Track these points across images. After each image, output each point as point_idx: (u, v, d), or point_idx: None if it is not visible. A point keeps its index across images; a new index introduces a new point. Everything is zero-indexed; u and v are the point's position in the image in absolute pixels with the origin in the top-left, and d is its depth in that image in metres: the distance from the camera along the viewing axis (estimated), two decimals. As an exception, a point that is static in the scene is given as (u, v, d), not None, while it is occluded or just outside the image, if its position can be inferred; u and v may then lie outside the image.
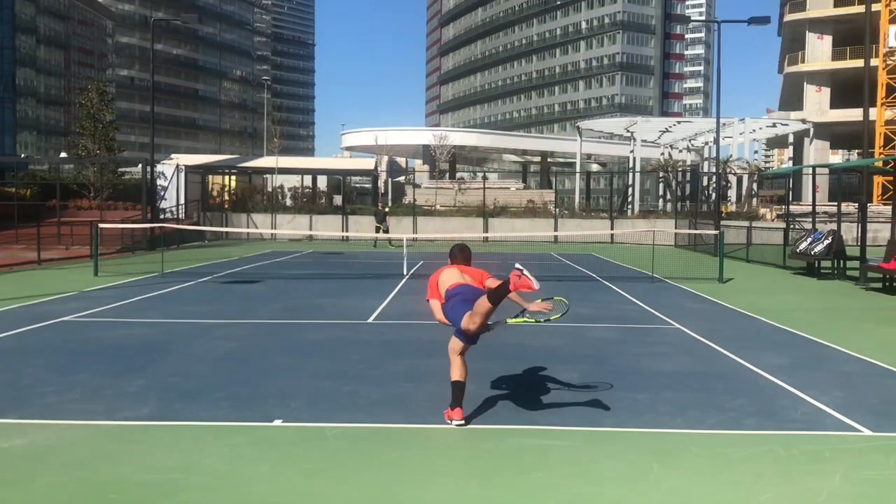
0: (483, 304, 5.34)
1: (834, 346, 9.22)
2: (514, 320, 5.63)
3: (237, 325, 10.41)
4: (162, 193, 33.91)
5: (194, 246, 29.23)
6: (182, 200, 35.27)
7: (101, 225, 19.46)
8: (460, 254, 6.32)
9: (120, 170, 40.88)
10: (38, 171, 42.66)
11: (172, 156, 55.48)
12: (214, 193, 41.47)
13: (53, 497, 4.36)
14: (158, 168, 33.56)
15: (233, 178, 44.30)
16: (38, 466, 4.82)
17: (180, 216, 34.50)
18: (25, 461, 4.93)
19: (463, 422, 5.73)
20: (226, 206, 39.04)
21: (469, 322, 5.44)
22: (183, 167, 36.72)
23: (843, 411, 6.23)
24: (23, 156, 71.78)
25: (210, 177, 41.84)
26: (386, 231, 30.77)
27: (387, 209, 34.95)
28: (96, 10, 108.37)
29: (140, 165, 30.89)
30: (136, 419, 5.90)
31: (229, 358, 8.27)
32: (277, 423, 5.83)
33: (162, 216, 31.79)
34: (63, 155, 51.95)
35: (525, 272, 5.30)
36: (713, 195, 32.89)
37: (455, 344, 5.77)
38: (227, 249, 27.29)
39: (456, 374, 5.75)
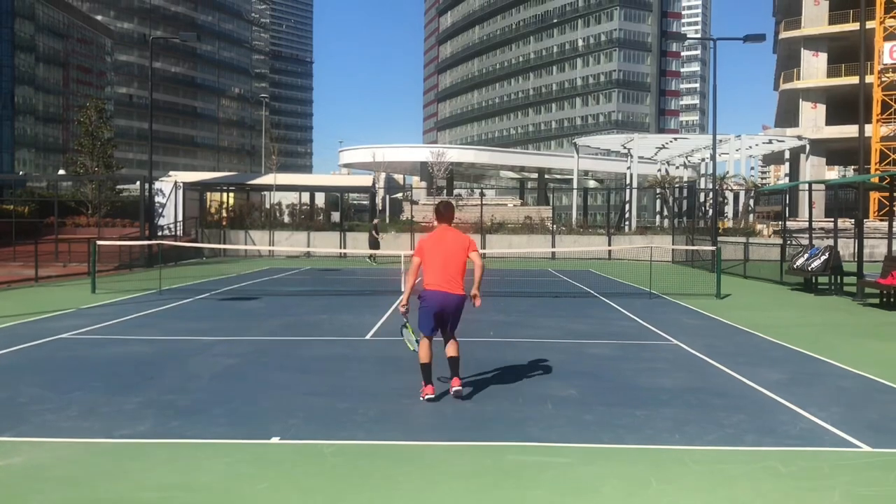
0: None
1: (832, 361, 9.22)
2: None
3: (235, 343, 10.40)
4: (160, 210, 33.92)
5: (192, 263, 29.22)
6: (180, 217, 35.29)
7: (98, 242, 19.46)
8: (445, 210, 7.45)
9: (118, 187, 40.97)
10: (36, 189, 42.68)
11: (170, 173, 55.56)
12: (212, 210, 41.50)
13: (50, 515, 4.34)
14: (156, 185, 33.59)
15: (231, 194, 44.35)
16: (34, 485, 4.80)
17: (178, 233, 34.50)
18: (22, 479, 4.91)
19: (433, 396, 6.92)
20: (224, 222, 39.05)
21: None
22: (181, 184, 36.76)
23: (842, 427, 6.23)
24: (21, 173, 71.88)
25: (208, 194, 41.91)
26: (376, 246, 30.43)
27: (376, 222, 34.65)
28: (95, 29, 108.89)
29: (138, 182, 30.91)
30: (134, 437, 5.88)
31: (227, 375, 8.25)
32: (275, 440, 5.82)
33: (160, 233, 31.80)
34: (61, 172, 52.06)
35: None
36: (710, 211, 32.97)
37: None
38: (225, 266, 27.27)
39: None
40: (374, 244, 30.38)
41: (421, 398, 6.93)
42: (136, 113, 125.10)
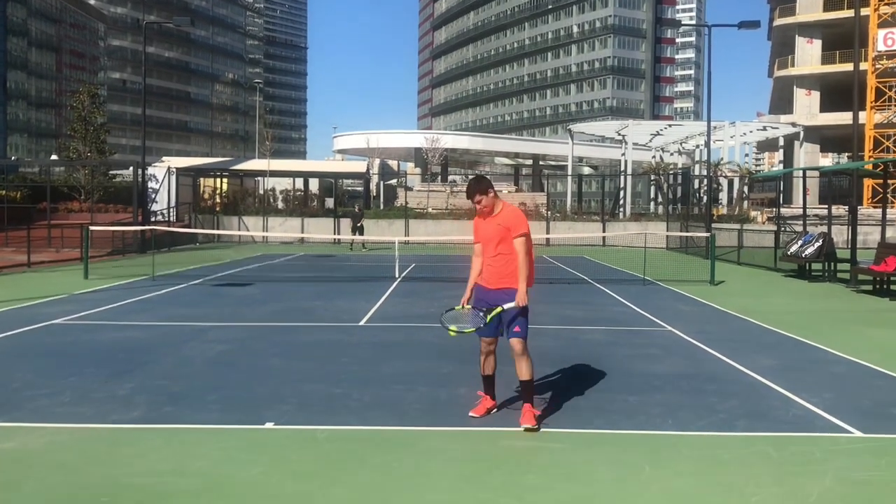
0: None
1: (825, 347, 9.25)
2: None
3: (228, 328, 10.38)
4: (153, 196, 33.80)
5: (185, 249, 29.15)
6: (173, 203, 35.18)
7: (91, 227, 19.38)
8: (476, 186, 5.85)
9: (111, 172, 40.79)
10: (28, 174, 42.44)
11: (164, 158, 55.39)
12: (206, 196, 41.39)
13: (43, 501, 4.33)
14: (150, 171, 33.47)
15: (224, 180, 44.22)
16: (27, 470, 4.79)
17: (171, 219, 34.41)
18: (14, 465, 4.90)
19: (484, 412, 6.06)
20: (217, 208, 38.95)
21: None
22: (174, 170, 36.63)
23: (834, 413, 6.25)
24: (13, 158, 71.45)
25: (202, 179, 41.78)
26: (361, 233, 30.24)
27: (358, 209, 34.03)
28: (88, 14, 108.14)
29: (131, 168, 30.79)
30: (127, 422, 5.87)
31: (220, 361, 8.24)
32: (269, 425, 5.82)
33: (153, 219, 31.69)
34: (54, 157, 51.82)
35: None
36: (704, 198, 33.00)
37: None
38: (219, 252, 27.22)
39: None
40: (360, 230, 30.20)
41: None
42: (129, 98, 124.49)
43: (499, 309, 5.75)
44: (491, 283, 5.83)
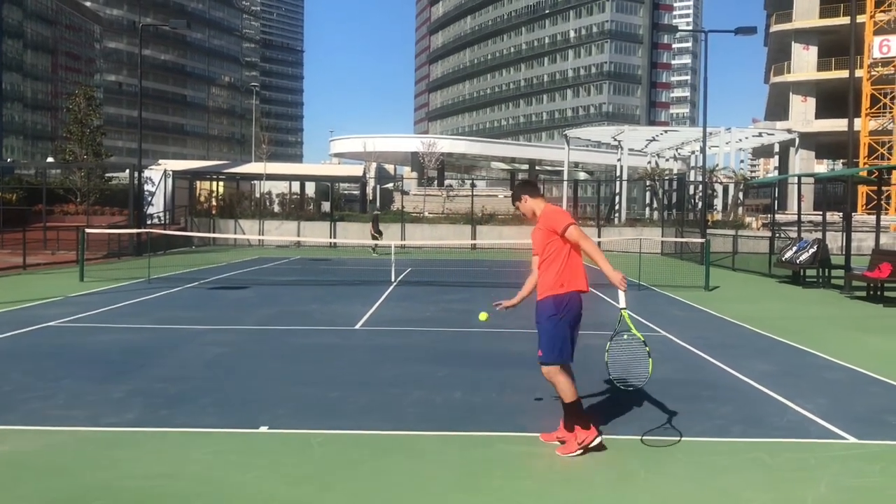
0: None
1: (819, 353, 9.27)
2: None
3: (224, 332, 10.37)
4: (149, 199, 33.77)
5: (181, 252, 29.10)
6: (169, 206, 35.14)
7: (87, 230, 19.35)
8: (513, 194, 5.59)
9: (107, 175, 40.72)
10: (24, 176, 42.35)
11: (160, 161, 55.29)
12: (202, 199, 41.34)
13: None
14: (146, 173, 33.44)
15: (220, 183, 44.17)
16: (20, 473, 4.78)
17: (167, 222, 34.36)
18: (8, 468, 4.89)
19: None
20: (213, 211, 38.90)
21: None
22: (170, 172, 36.59)
23: (829, 419, 6.27)
24: (9, 160, 71.36)
25: (198, 182, 41.73)
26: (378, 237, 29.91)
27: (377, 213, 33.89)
28: (84, 15, 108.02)
29: (127, 171, 30.76)
30: (121, 425, 5.86)
31: (216, 364, 8.23)
32: (263, 429, 5.81)
33: (149, 221, 31.66)
34: (50, 160, 51.74)
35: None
36: (699, 204, 33.06)
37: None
38: (215, 255, 27.18)
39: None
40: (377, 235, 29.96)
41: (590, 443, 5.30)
42: (125, 101, 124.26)
43: (625, 316, 5.44)
44: (538, 296, 5.44)
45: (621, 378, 5.42)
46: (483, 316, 5.59)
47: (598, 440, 5.26)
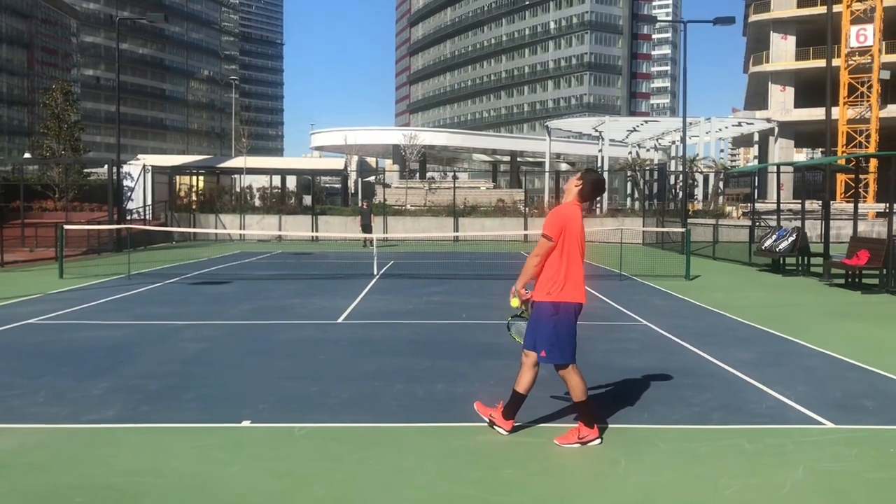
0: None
1: (798, 341, 9.36)
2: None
3: (205, 327, 10.33)
4: (128, 194, 33.49)
5: (162, 247, 28.93)
6: (149, 201, 34.88)
7: (66, 226, 19.18)
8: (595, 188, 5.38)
9: (85, 171, 40.30)
10: (0, 172, 41.90)
11: (139, 156, 54.87)
12: (182, 194, 41.06)
13: (17, 502, 4.29)
14: (125, 169, 33.15)
15: (201, 178, 43.89)
16: (0, 471, 4.75)
17: (147, 217, 34.12)
18: (-12, 466, 4.85)
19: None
20: (194, 206, 38.66)
21: None
22: (150, 167, 36.31)
23: (807, 405, 6.34)
24: (-15, 157, 70.51)
25: (178, 177, 41.45)
26: (368, 230, 29.31)
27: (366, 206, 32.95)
28: (60, 9, 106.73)
29: (106, 166, 30.49)
30: (102, 422, 5.83)
31: (197, 359, 8.20)
32: (246, 423, 5.80)
33: (129, 217, 31.40)
34: (27, 156, 51.17)
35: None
36: (680, 193, 33.23)
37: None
38: (196, 250, 27.04)
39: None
40: (367, 228, 29.73)
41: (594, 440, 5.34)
42: (103, 95, 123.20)
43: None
44: (535, 295, 5.46)
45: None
46: (515, 302, 5.56)
47: (596, 441, 5.30)
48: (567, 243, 5.24)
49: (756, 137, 62.42)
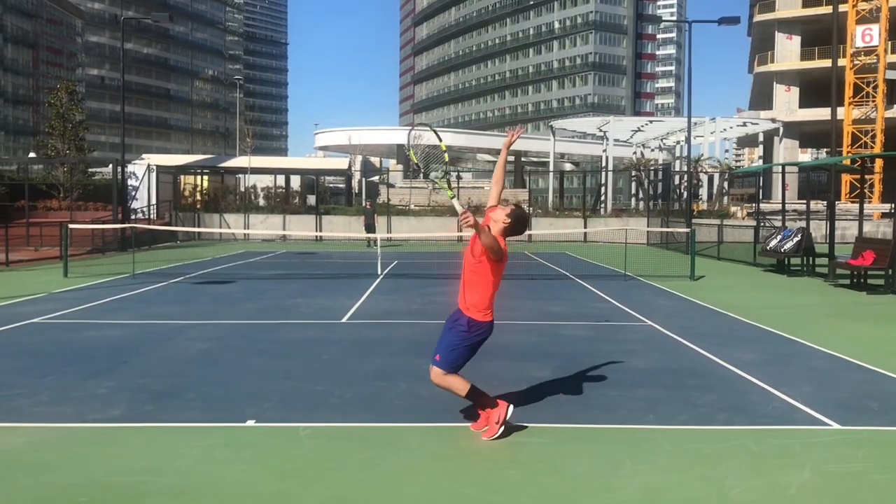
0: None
1: (803, 341, 9.33)
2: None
3: (209, 326, 10.33)
4: (133, 194, 33.55)
5: (166, 246, 28.96)
6: (153, 201, 34.93)
7: (70, 226, 19.21)
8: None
9: (90, 170, 40.38)
10: (5, 172, 41.89)
11: (143, 156, 54.91)
12: (186, 193, 41.11)
13: (21, 501, 4.29)
14: (129, 168, 33.19)
15: (205, 177, 43.94)
16: (4, 470, 4.74)
17: (152, 216, 34.16)
18: (-8, 465, 4.85)
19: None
20: (198, 206, 38.70)
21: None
22: (154, 167, 36.36)
23: (813, 406, 6.31)
24: (-10, 156, 70.66)
25: (182, 177, 41.50)
26: (372, 230, 29.30)
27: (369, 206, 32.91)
28: (65, 9, 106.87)
29: (110, 166, 30.53)
30: (107, 421, 5.83)
31: (201, 359, 8.20)
32: (250, 423, 5.80)
33: (133, 216, 31.45)
34: (32, 155, 51.20)
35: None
36: (685, 194, 33.19)
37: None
38: (200, 250, 27.07)
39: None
40: (371, 228, 29.68)
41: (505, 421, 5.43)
42: (108, 95, 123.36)
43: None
44: (461, 306, 5.53)
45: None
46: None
47: (510, 409, 5.40)
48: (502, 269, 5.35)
49: (761, 138, 62.35)
